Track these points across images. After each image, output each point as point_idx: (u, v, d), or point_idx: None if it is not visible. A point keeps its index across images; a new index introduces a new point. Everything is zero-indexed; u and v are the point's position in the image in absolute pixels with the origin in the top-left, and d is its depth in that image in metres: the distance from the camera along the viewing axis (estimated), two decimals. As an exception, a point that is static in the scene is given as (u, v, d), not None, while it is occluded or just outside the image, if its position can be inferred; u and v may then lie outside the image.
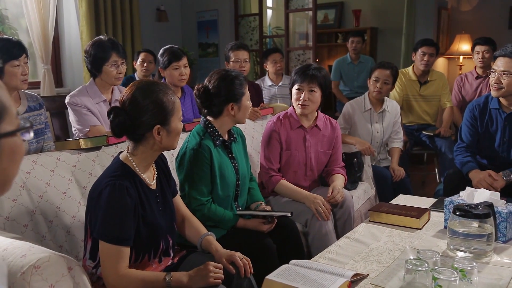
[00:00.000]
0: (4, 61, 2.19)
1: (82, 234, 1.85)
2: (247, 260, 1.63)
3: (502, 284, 1.38)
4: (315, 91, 2.38)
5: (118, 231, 1.42)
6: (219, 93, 2.01)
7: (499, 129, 2.56)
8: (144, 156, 1.55)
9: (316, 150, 2.49)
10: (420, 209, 2.02)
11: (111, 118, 1.50)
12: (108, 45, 2.40)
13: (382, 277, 1.46)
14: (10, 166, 0.69)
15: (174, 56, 2.79)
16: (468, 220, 1.61)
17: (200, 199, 1.95)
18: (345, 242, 1.81)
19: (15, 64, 2.21)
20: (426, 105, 3.87)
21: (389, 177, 3.05)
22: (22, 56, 2.24)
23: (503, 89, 2.43)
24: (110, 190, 1.42)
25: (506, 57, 2.39)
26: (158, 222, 1.55)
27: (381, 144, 3.20)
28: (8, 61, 2.20)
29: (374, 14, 5.91)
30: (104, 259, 1.43)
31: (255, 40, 5.21)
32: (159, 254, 1.57)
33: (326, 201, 2.26)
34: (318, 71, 2.41)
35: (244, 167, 2.17)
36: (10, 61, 2.20)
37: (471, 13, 5.38)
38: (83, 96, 2.41)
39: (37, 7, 3.91)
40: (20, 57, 2.23)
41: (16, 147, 0.69)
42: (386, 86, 3.06)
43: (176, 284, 1.43)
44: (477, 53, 3.78)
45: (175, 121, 1.54)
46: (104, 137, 2.06)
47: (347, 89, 4.97)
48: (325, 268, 1.48)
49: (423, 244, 1.74)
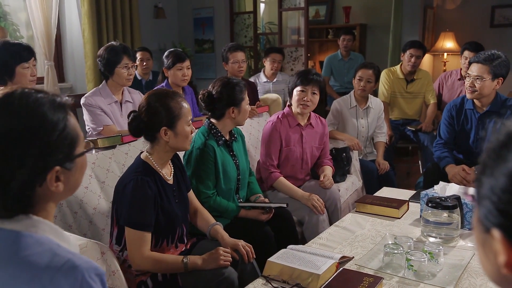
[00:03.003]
0: (15, 63, 2.41)
1: (102, 223, 2.10)
2: (250, 247, 1.89)
3: (463, 263, 1.66)
4: (316, 94, 2.65)
5: (141, 218, 1.67)
6: (222, 98, 2.26)
7: (473, 127, 2.84)
8: (160, 155, 1.79)
9: (310, 146, 2.76)
10: (400, 200, 2.29)
11: (130, 120, 1.76)
12: (120, 49, 2.63)
13: (365, 259, 1.73)
14: (80, 177, 0.93)
15: (178, 58, 3.03)
16: (439, 211, 1.88)
17: (207, 192, 2.20)
18: (334, 229, 2.08)
19: (25, 66, 2.42)
20: (411, 102, 4.14)
21: (375, 170, 3.33)
22: (31, 59, 2.46)
23: (477, 92, 2.69)
24: (134, 184, 1.67)
25: (479, 63, 2.65)
26: (175, 212, 1.80)
27: (367, 139, 3.46)
28: (18, 64, 2.41)
29: (363, 11, 6.13)
30: (130, 243, 1.68)
31: (250, 37, 5.42)
32: (175, 240, 1.83)
33: (319, 184, 2.56)
34: (318, 76, 2.68)
35: (244, 163, 2.42)
36: (20, 63, 2.41)
37: (455, 12, 5.63)
38: (96, 97, 2.63)
39: (41, 6, 4.08)
40: (30, 60, 2.45)
41: (84, 163, 0.94)
42: (369, 85, 3.32)
43: (192, 265, 1.69)
44: (465, 58, 3.88)
45: (182, 125, 1.77)
46: (119, 136, 2.30)
47: (337, 85, 5.22)
48: (318, 252, 1.74)
49: (401, 231, 2.01)
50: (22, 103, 0.83)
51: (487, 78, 2.63)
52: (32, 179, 0.83)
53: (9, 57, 2.36)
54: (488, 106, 2.76)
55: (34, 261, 0.78)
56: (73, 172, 0.89)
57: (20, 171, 0.81)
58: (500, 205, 0.50)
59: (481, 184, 0.54)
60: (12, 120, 0.82)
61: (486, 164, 0.53)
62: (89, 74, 4.46)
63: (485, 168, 0.53)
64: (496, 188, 0.50)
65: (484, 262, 0.56)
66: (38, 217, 0.85)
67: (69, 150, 0.87)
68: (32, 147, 0.82)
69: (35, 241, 0.81)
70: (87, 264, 0.81)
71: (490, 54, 2.65)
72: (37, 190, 0.85)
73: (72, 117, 0.90)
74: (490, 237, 0.52)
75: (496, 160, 0.52)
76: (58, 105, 0.87)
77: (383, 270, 1.64)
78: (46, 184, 0.85)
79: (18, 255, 0.79)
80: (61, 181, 0.87)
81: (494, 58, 2.63)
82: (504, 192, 0.50)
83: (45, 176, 0.84)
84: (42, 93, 0.87)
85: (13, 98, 0.84)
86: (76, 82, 4.68)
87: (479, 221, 0.55)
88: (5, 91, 0.86)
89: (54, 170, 0.85)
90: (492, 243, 0.52)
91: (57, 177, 0.86)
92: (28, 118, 0.83)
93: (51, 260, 0.79)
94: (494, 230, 0.52)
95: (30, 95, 0.85)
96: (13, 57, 2.38)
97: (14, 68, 2.38)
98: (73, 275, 0.78)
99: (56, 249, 0.81)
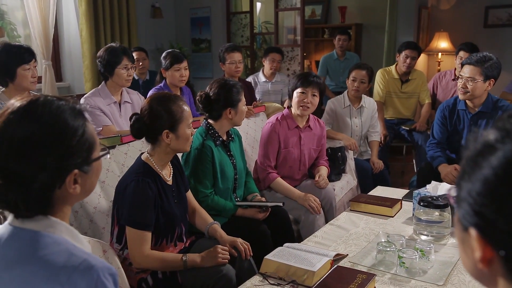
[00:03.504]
0: (16, 65, 2.45)
1: (102, 222, 2.14)
2: (247, 245, 1.94)
3: (453, 260, 1.72)
4: (316, 96, 2.70)
5: (142, 218, 1.72)
6: (219, 99, 2.30)
7: (466, 127, 2.90)
8: (160, 156, 1.84)
9: (309, 148, 2.81)
10: (393, 199, 2.35)
11: (132, 122, 1.80)
12: (120, 50, 2.67)
13: (359, 256, 1.79)
14: (95, 180, 0.98)
15: (176, 59, 3.07)
16: (430, 210, 1.94)
17: (204, 191, 2.25)
18: (329, 228, 2.14)
19: (26, 68, 2.47)
20: (406, 101, 4.20)
21: (370, 169, 3.39)
22: (32, 61, 2.50)
23: (469, 93, 2.75)
24: (135, 185, 1.72)
25: (471, 65, 2.71)
26: (174, 212, 1.85)
27: (361, 138, 3.52)
28: (20, 65, 2.46)
29: (359, 10, 6.17)
30: (130, 242, 1.72)
31: (246, 37, 5.46)
32: (174, 239, 1.88)
33: (314, 184, 2.63)
34: (318, 78, 2.74)
35: (241, 163, 2.47)
36: (21, 65, 2.46)
37: (450, 12, 5.69)
38: (96, 98, 2.67)
39: (38, 6, 4.10)
40: (31, 62, 2.49)
41: (100, 167, 0.98)
42: (362, 85, 3.37)
43: (191, 263, 1.74)
44: (460, 58, 3.91)
45: (184, 128, 1.83)
46: (118, 137, 2.34)
47: (333, 84, 5.27)
48: (313, 250, 1.79)
49: (394, 229, 2.07)
50: (45, 110, 0.88)
51: (479, 79, 2.69)
52: (52, 181, 0.88)
53: (10, 59, 2.40)
54: (480, 107, 2.82)
55: (52, 260, 0.83)
56: (89, 175, 0.94)
57: (42, 173, 0.86)
58: (476, 207, 0.55)
59: (460, 188, 0.59)
60: (36, 126, 0.87)
61: (465, 170, 0.59)
62: (87, 74, 4.49)
63: (463, 173, 0.59)
64: (473, 192, 0.56)
65: (464, 258, 0.62)
66: (55, 218, 0.90)
67: (87, 155, 0.92)
68: (54, 151, 0.87)
69: (53, 241, 0.86)
70: (101, 264, 0.86)
71: (482, 56, 2.71)
72: (56, 192, 0.89)
73: (89, 123, 0.95)
74: (468, 235, 0.58)
75: (473, 167, 0.57)
76: (77, 112, 0.92)
77: (376, 267, 1.70)
78: (65, 186, 0.90)
79: (38, 254, 0.84)
80: (78, 184, 0.92)
81: (486, 60, 2.69)
82: (479, 196, 0.55)
83: (64, 178, 0.89)
84: (63, 100, 0.92)
85: (36, 105, 0.89)
86: (74, 82, 4.71)
87: (458, 221, 0.61)
88: (29, 99, 0.90)
89: (73, 173, 0.90)
90: (469, 241, 0.58)
91: (75, 180, 0.91)
92: (51, 124, 0.88)
93: (68, 260, 0.84)
94: (471, 229, 0.57)
95: (53, 102, 0.90)
96: (14, 59, 2.42)
97: (15, 70, 2.42)
98: (89, 274, 0.83)
99: (72, 249, 0.86)
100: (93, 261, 0.85)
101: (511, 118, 0.57)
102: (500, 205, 0.52)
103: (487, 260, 0.56)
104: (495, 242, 0.54)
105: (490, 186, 0.54)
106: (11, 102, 0.90)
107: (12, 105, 0.89)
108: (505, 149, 0.53)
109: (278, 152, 2.71)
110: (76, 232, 0.94)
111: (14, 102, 0.90)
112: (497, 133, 0.56)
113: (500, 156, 0.53)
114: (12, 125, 0.86)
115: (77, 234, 0.94)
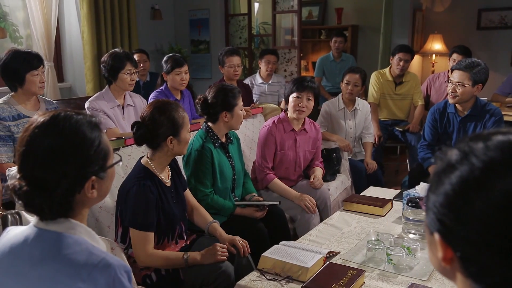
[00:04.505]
0: (26, 71, 2.53)
1: (108, 221, 2.25)
2: (245, 243, 2.06)
3: (438, 258, 1.84)
4: (311, 100, 2.81)
5: (145, 220, 1.83)
6: (216, 103, 2.43)
7: (455, 130, 3.02)
8: (161, 160, 1.96)
9: (304, 150, 2.92)
10: (384, 199, 2.46)
11: (134, 130, 1.91)
12: (123, 56, 2.78)
13: (350, 254, 1.91)
14: (109, 185, 1.09)
15: (177, 63, 3.18)
16: (418, 210, 2.06)
17: (204, 190, 2.37)
18: (323, 227, 2.25)
19: (34, 74, 2.55)
20: (400, 103, 4.31)
21: (364, 170, 3.50)
22: (40, 67, 2.59)
23: (458, 97, 2.87)
24: (137, 189, 1.83)
25: (460, 70, 2.83)
26: (173, 212, 1.96)
27: (355, 139, 3.64)
28: (29, 71, 2.54)
29: (355, 12, 6.28)
30: (135, 242, 1.83)
31: (244, 38, 5.56)
32: (175, 237, 1.99)
33: (309, 185, 2.76)
34: (313, 83, 2.85)
35: (239, 164, 2.58)
36: (30, 71, 2.54)
37: (444, 14, 5.80)
38: (100, 101, 2.78)
39: (41, 8, 4.19)
40: (39, 68, 2.57)
41: (113, 173, 1.09)
42: (356, 88, 3.49)
43: (192, 260, 1.86)
44: (453, 61, 4.05)
45: (184, 133, 1.95)
46: (122, 139, 2.45)
47: (329, 85, 5.37)
48: (307, 247, 1.91)
49: (384, 228, 2.19)
50: (66, 125, 1.00)
51: (468, 84, 2.80)
52: (73, 187, 0.99)
53: (19, 65, 2.49)
54: (469, 110, 2.93)
55: (74, 259, 0.94)
56: (105, 180, 1.06)
57: (64, 180, 0.97)
58: (439, 216, 0.66)
59: (428, 199, 0.70)
60: (59, 139, 0.98)
61: (432, 184, 0.69)
62: (88, 75, 4.59)
63: (431, 186, 0.69)
64: (436, 203, 0.66)
65: (431, 257, 0.73)
66: (75, 221, 1.01)
67: (103, 162, 1.04)
68: (74, 161, 0.98)
69: (74, 241, 0.97)
70: (118, 262, 0.96)
71: (470, 62, 2.82)
72: (76, 196, 1.01)
73: (104, 134, 1.06)
74: (433, 239, 0.69)
75: (437, 181, 0.67)
76: (94, 125, 1.04)
77: (366, 264, 1.81)
78: (84, 191, 1.01)
79: (61, 253, 0.95)
80: (95, 189, 1.03)
81: (474, 65, 2.80)
82: (441, 207, 0.65)
83: (83, 184, 1.01)
84: (80, 115, 1.03)
85: (58, 120, 1.00)
86: (76, 83, 4.80)
87: (426, 226, 0.72)
88: (51, 114, 1.01)
89: (91, 180, 1.01)
90: (435, 243, 0.69)
91: (93, 185, 1.02)
92: (71, 136, 0.99)
93: (88, 258, 0.94)
94: (435, 233, 0.68)
95: (72, 117, 1.01)
96: (23, 65, 2.51)
97: (24, 76, 2.51)
98: (107, 271, 0.94)
99: (91, 249, 0.97)
100: (110, 259, 0.96)
101: (471, 142, 0.66)
102: (457, 216, 0.63)
103: (448, 259, 0.66)
104: (453, 245, 0.65)
105: (449, 199, 0.64)
106: (34, 118, 1.02)
107: (36, 120, 1.00)
108: (462, 169, 0.63)
109: (275, 154, 2.83)
110: (94, 233, 1.04)
111: (38, 117, 1.01)
112: (458, 154, 0.66)
113: (458, 175, 0.63)
114: (37, 139, 0.98)
115: (94, 234, 1.05)
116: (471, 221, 0.61)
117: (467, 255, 0.62)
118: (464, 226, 0.62)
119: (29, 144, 0.97)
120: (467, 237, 0.61)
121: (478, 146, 0.64)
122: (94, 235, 1.04)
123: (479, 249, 0.60)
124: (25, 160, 0.98)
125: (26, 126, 1.00)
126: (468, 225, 0.61)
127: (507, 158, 0.60)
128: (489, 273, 0.60)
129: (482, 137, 0.65)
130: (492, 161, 0.61)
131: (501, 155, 0.61)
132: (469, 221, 0.61)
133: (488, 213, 0.59)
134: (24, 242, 0.99)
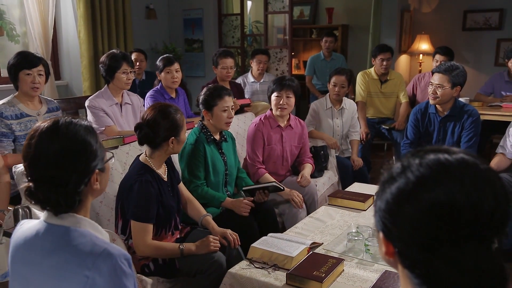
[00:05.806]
0: (18, 69, 2.61)
1: (108, 214, 2.40)
2: (236, 235, 2.22)
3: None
4: (291, 97, 2.97)
5: (145, 212, 1.98)
6: (201, 101, 2.62)
7: (436, 129, 3.20)
8: (160, 158, 2.11)
9: (290, 145, 3.09)
10: (366, 195, 2.63)
11: (137, 132, 2.06)
12: (120, 56, 2.92)
13: (332, 245, 2.07)
14: (108, 177, 1.25)
15: (167, 62, 3.34)
16: (396, 204, 2.22)
17: (196, 182, 2.54)
18: (309, 220, 2.42)
19: (26, 73, 2.60)
20: (385, 101, 4.48)
21: (350, 166, 3.67)
22: (36, 68, 2.61)
23: (438, 98, 3.04)
24: (139, 184, 1.98)
25: (440, 73, 3.00)
26: (170, 204, 2.12)
27: (342, 137, 3.80)
28: (21, 70, 2.61)
29: (345, 12, 6.43)
30: (135, 233, 1.99)
31: (237, 38, 5.70)
32: (172, 228, 2.15)
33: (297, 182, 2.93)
34: (292, 81, 3.00)
35: (232, 161, 2.74)
36: (22, 69, 2.60)
37: (431, 15, 5.97)
38: (99, 100, 2.92)
39: (38, 7, 4.29)
40: (33, 68, 2.61)
41: (109, 167, 1.26)
42: (342, 89, 3.64)
43: (187, 251, 2.02)
44: (436, 61, 4.24)
45: (183, 133, 2.12)
46: (121, 138, 2.59)
47: (320, 83, 5.53)
48: (292, 239, 2.07)
49: (365, 221, 2.35)
50: (69, 129, 1.15)
51: (447, 86, 2.98)
52: (81, 180, 1.14)
53: (16, 63, 2.59)
54: (448, 111, 3.11)
55: (80, 249, 1.09)
56: (104, 173, 1.23)
57: (74, 175, 1.13)
58: (382, 218, 0.79)
59: (376, 203, 0.83)
60: (65, 141, 1.13)
61: (378, 191, 0.82)
62: (85, 73, 4.71)
63: (377, 193, 0.83)
64: (380, 208, 0.79)
65: (379, 251, 0.88)
66: (80, 215, 1.16)
67: (102, 157, 1.20)
68: (81, 158, 1.14)
69: (79, 234, 1.12)
70: (118, 252, 1.11)
71: (449, 65, 2.99)
72: (84, 189, 1.16)
73: (97, 135, 1.23)
74: (379, 236, 0.84)
75: (382, 189, 0.80)
76: (90, 128, 1.20)
77: (346, 253, 1.98)
78: (90, 184, 1.17)
79: (69, 245, 1.09)
80: (98, 181, 1.19)
81: (453, 69, 2.98)
82: (383, 211, 0.78)
83: (90, 177, 1.16)
84: (77, 120, 1.19)
85: (60, 125, 1.16)
86: (72, 81, 4.92)
87: (374, 225, 0.86)
88: (52, 121, 1.17)
89: (95, 173, 1.17)
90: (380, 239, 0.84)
91: (96, 178, 1.18)
92: (74, 138, 1.14)
93: (93, 248, 1.09)
94: (380, 232, 0.82)
95: (71, 122, 1.17)
96: (18, 64, 2.59)
97: (17, 74, 2.60)
98: (109, 260, 1.08)
99: (95, 240, 1.12)
100: (111, 249, 1.10)
101: (411, 157, 0.77)
102: (394, 219, 0.76)
103: (390, 253, 0.80)
104: (393, 242, 0.78)
105: (389, 205, 0.77)
106: (37, 125, 1.17)
107: (40, 127, 1.16)
108: (400, 181, 0.76)
109: (263, 149, 2.99)
110: (97, 225, 1.19)
111: (41, 124, 1.16)
112: (399, 168, 0.77)
113: (396, 186, 0.76)
114: (45, 142, 1.13)
115: (97, 226, 1.19)
116: (403, 224, 0.73)
117: (402, 250, 0.76)
118: (398, 228, 0.75)
119: (37, 148, 1.12)
120: (401, 237, 0.75)
121: (415, 162, 0.75)
122: (97, 226, 1.19)
123: (409, 246, 0.74)
124: (36, 162, 1.13)
125: (31, 133, 1.15)
126: (401, 227, 0.74)
127: (434, 175, 0.72)
128: (417, 265, 0.74)
129: (419, 154, 0.77)
130: (423, 177, 0.73)
131: (430, 172, 0.73)
132: (402, 224, 0.74)
133: (416, 218, 0.72)
134: (36, 235, 1.14)
